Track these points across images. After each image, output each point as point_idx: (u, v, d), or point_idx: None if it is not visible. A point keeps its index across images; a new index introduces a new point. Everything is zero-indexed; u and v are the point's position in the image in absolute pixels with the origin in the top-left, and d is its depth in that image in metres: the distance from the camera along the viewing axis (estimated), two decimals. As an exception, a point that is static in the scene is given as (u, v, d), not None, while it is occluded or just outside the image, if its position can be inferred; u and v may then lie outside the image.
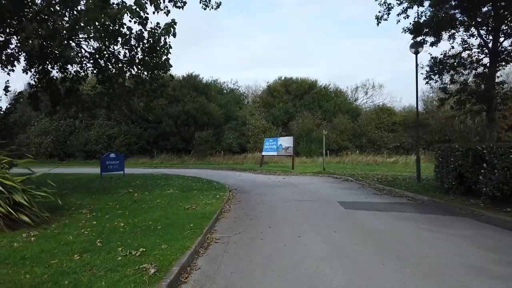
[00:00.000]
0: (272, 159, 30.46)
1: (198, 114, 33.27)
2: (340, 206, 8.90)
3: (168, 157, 33.17)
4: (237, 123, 37.18)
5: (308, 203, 9.43)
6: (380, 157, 30.33)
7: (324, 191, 12.25)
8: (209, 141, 31.95)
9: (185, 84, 39.10)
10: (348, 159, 29.71)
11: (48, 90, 11.55)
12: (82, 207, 7.77)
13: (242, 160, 31.39)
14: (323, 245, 5.37)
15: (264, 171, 22.41)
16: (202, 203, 8.65)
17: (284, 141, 24.12)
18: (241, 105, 41.40)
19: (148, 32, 10.83)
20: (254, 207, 8.96)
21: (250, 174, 21.06)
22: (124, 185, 12.71)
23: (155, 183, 13.57)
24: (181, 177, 17.26)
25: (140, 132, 34.41)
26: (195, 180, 15.54)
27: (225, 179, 17.13)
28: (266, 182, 15.81)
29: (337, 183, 15.34)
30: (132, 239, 5.20)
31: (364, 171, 21.65)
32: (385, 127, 35.37)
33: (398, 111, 38.35)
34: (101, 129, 32.42)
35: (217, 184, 13.72)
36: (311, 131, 35.28)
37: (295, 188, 13.10)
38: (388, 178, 16.38)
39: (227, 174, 20.76)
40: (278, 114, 38.82)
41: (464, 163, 9.20)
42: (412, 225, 6.79)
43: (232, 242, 5.62)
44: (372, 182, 14.94)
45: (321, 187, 13.64)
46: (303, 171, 21.28)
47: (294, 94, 41.39)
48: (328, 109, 38.88)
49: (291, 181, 15.94)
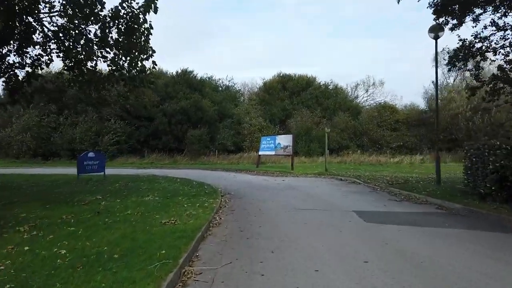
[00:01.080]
0: (270, 159, 28.71)
1: (191, 111, 31.41)
2: (358, 218, 7.14)
3: (160, 157, 31.29)
4: (232, 121, 35.37)
5: (318, 214, 7.67)
6: (383, 157, 28.67)
7: (332, 196, 10.51)
8: (202, 139, 30.10)
9: (178, 81, 37.26)
10: (349, 159, 28.02)
11: (3, 77, 9.65)
12: (24, 222, 5.93)
13: (237, 160, 29.60)
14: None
15: (261, 172, 20.65)
16: (185, 215, 6.86)
17: (282, 140, 22.37)
18: (236, 103, 39.57)
19: (124, 7, 9.02)
20: (251, 218, 7.18)
21: (246, 175, 19.29)
22: (97, 190, 10.86)
23: (136, 187, 11.75)
24: (169, 179, 15.44)
25: (130, 131, 32.49)
26: (184, 182, 13.73)
27: (218, 181, 15.34)
28: (264, 184, 14.04)
29: (344, 186, 13.61)
30: (64, 283, 3.40)
31: (369, 172, 19.97)
32: (388, 125, 33.74)
33: (400, 109, 36.70)
34: (86, 126, 30.39)
35: (208, 187, 11.93)
36: (310, 129, 33.56)
37: (298, 193, 11.35)
38: (398, 180, 14.69)
39: (221, 175, 18.97)
40: (275, 112, 37.08)
41: (509, 164, 7.49)
42: (466, 249, 5.04)
43: (219, 280, 3.85)
44: (383, 185, 13.26)
45: (328, 191, 11.90)
46: (303, 172, 19.54)
47: (291, 91, 39.63)
48: (327, 107, 37.17)
49: (291, 184, 14.18)
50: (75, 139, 30.26)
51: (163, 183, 13.20)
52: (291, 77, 40.92)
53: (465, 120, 29.74)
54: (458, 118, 30.25)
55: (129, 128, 32.48)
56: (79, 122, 30.98)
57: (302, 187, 13.06)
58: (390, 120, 33.86)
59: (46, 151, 31.25)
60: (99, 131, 30.78)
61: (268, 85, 40.74)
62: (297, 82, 39.77)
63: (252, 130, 34.32)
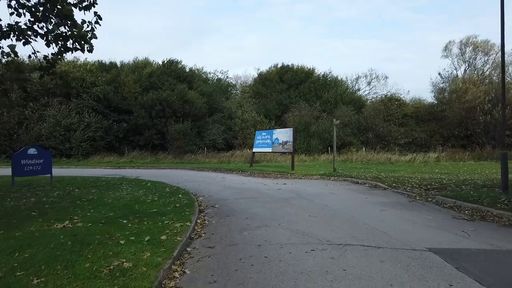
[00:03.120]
0: (265, 157, 25.30)
1: (176, 103, 27.79)
2: (460, 274, 3.71)
3: (141, 155, 27.62)
4: (223, 115, 31.82)
5: (373, 260, 4.21)
6: (393, 154, 25.42)
7: (364, 212, 7.09)
8: (187, 134, 26.53)
9: (164, 71, 33.61)
10: (355, 157, 24.70)
11: None
12: None
13: (228, 158, 26.09)
14: None
15: (256, 173, 17.21)
16: (116, 265, 3.41)
17: (281, 134, 18.94)
18: (228, 96, 36.01)
19: None
20: (247, 275, 3.73)
21: (237, 176, 15.83)
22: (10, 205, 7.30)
23: (77, 197, 8.20)
24: (137, 182, 11.92)
25: (108, 125, 28.77)
26: (153, 188, 10.22)
27: (202, 185, 11.89)
28: (260, 190, 10.59)
29: (367, 192, 10.22)
30: None
31: (384, 172, 16.68)
32: (395, 120, 30.56)
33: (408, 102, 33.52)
34: (55, 120, 26.55)
35: (184, 196, 8.46)
36: (309, 124, 30.22)
37: (311, 205, 7.93)
38: (432, 183, 11.39)
39: (207, 176, 15.48)
40: (270, 106, 33.65)
41: None
42: None
43: None
44: (417, 190, 10.04)
45: (352, 201, 8.50)
46: (306, 173, 16.15)
47: (289, 83, 36.25)
48: (328, 100, 33.83)
49: (297, 189, 10.75)
50: (42, 135, 26.43)
51: (125, 189, 9.68)
52: (290, 68, 37.50)
53: (483, 114, 26.61)
54: (475, 111, 27.12)
55: (106, 123, 28.76)
56: (46, 116, 27.09)
57: (313, 194, 9.63)
58: (398, 114, 30.69)
59: (9, 149, 27.34)
60: (69, 126, 26.98)
61: (264, 76, 37.27)
62: (295, 74, 36.37)
63: (245, 125, 30.88)
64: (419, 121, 30.90)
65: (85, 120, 27.41)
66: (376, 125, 29.62)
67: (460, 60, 34.97)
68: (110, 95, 29.51)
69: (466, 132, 27.93)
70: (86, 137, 26.86)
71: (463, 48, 34.47)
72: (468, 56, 34.28)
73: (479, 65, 34.23)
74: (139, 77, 32.17)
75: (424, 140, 29.44)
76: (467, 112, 27.69)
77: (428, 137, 29.56)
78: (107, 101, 29.58)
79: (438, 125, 29.53)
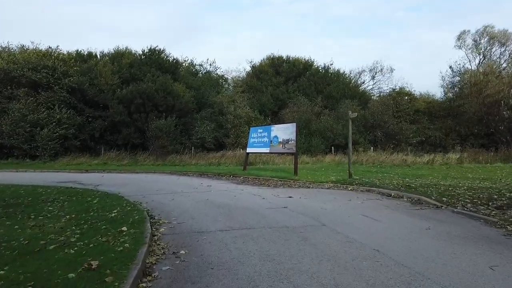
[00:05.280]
0: (260, 158, 21.92)
1: (157, 95, 24.26)
2: None
3: (117, 156, 24.05)
4: (213, 111, 28.32)
5: None
6: (407, 155, 22.20)
7: (468, 280, 3.71)
8: (171, 132, 23.02)
9: (146, 61, 30.03)
10: (365, 159, 21.42)
11: None
12: None
13: (218, 159, 22.63)
14: None
15: (251, 178, 13.84)
16: None
17: (280, 131, 15.56)
18: (219, 90, 32.48)
19: None
20: None
21: (227, 184, 12.39)
22: None
23: None
24: (87, 195, 8.48)
25: (81, 122, 25.12)
26: (99, 207, 6.78)
27: (177, 199, 8.45)
28: (258, 211, 7.18)
29: (420, 215, 6.84)
30: None
31: (409, 177, 13.45)
32: (406, 116, 27.34)
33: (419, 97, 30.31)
34: (19, 114, 22.85)
35: (135, 227, 5.07)
36: (309, 121, 26.90)
37: (348, 250, 4.54)
38: (494, 196, 8.18)
39: (189, 185, 12.03)
40: (266, 101, 30.22)
41: None
42: None
43: None
44: (483, 209, 6.89)
45: (418, 242, 5.11)
46: (314, 179, 12.81)
47: (286, 76, 32.88)
48: (330, 94, 30.49)
49: (311, 209, 7.35)
50: (3, 132, 22.72)
51: (37, 218, 6.19)
52: (285, 60, 34.13)
53: (508, 109, 23.48)
54: (497, 106, 23.98)
55: (79, 119, 25.09)
56: (9, 110, 23.34)
57: (340, 220, 6.24)
58: (409, 109, 27.46)
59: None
60: (37, 122, 23.27)
61: (258, 69, 33.84)
62: (293, 65, 33.02)
63: (238, 122, 27.40)
64: (433, 117, 27.72)
65: (56, 115, 23.73)
66: (385, 122, 26.36)
67: (474, 52, 31.88)
68: (85, 86, 25.84)
69: (486, 130, 24.85)
70: (55, 135, 23.19)
71: (478, 39, 31.44)
72: (483, 47, 31.27)
73: (495, 56, 31.26)
74: (118, 68, 28.58)
75: (439, 139, 26.27)
76: (488, 108, 24.56)
77: (443, 136, 26.36)
78: (81, 93, 25.90)
79: (455, 122, 26.37)
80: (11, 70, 24.19)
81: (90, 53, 32.63)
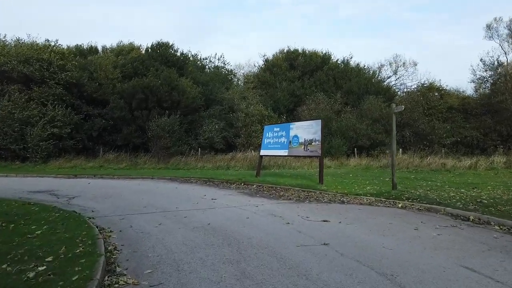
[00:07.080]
0: (275, 161, 19.24)
1: (161, 89, 21.82)
2: None
3: (116, 158, 21.66)
4: (222, 108, 25.75)
5: None
6: (445, 159, 19.24)
7: None
8: (174, 132, 20.53)
9: (152, 55, 27.68)
10: (396, 163, 18.50)
11: None
12: None
13: (227, 162, 20.07)
14: None
15: (266, 188, 11.19)
16: None
17: (302, 130, 12.93)
18: (228, 86, 29.89)
19: None
20: None
21: (237, 196, 9.75)
22: None
23: None
24: (41, 212, 5.93)
25: (77, 121, 22.81)
26: (33, 245, 4.22)
27: (164, 225, 5.77)
28: (284, 252, 4.52)
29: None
30: None
31: (464, 187, 10.66)
32: (438, 114, 24.31)
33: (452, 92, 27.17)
34: (7, 111, 20.62)
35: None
36: (329, 120, 24.12)
37: None
38: None
39: (189, 197, 9.43)
40: (280, 97, 27.53)
41: None
42: None
43: None
44: None
45: None
46: (345, 190, 10.14)
47: (302, 70, 30.14)
48: (350, 90, 27.62)
49: (371, 250, 4.65)
50: (-10, 132, 20.57)
51: None
52: (300, 53, 31.38)
53: None
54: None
55: (76, 118, 22.78)
56: (0, 107, 21.15)
57: (436, 285, 3.53)
58: (441, 107, 24.41)
59: None
60: (27, 120, 21.03)
61: (271, 62, 31.18)
62: (309, 59, 30.24)
63: (249, 121, 24.77)
64: (468, 115, 24.65)
65: (49, 113, 21.46)
66: (414, 120, 23.38)
67: (510, 43, 28.58)
68: (84, 80, 23.58)
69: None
70: (47, 135, 20.91)
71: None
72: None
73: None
74: (123, 62, 26.36)
75: (477, 139, 23.20)
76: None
77: (481, 136, 23.28)
78: (79, 89, 23.63)
79: (494, 121, 23.27)
80: (1, 64, 22.06)
81: (91, 47, 30.49)
